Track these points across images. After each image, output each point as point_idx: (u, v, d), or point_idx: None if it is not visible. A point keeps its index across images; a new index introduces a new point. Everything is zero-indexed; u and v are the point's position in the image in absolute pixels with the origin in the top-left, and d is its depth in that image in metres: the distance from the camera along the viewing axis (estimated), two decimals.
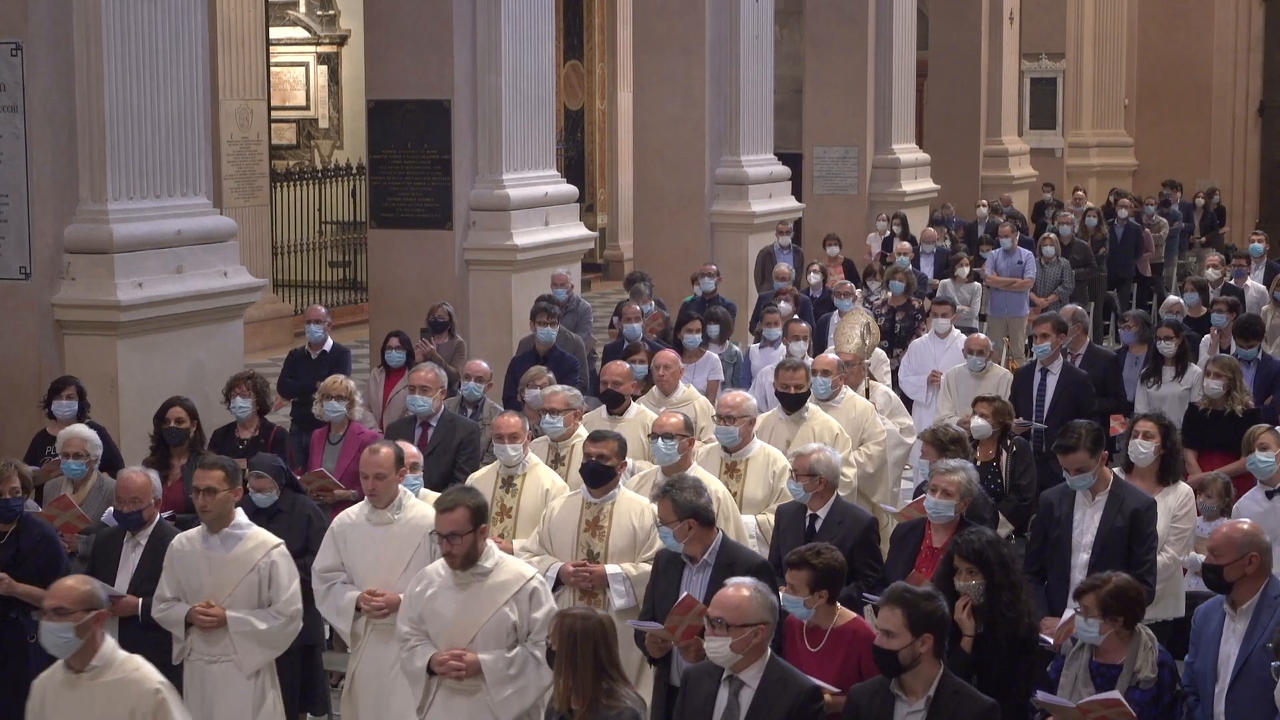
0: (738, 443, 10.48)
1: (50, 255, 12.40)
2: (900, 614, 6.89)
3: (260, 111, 23.42)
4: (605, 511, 9.28)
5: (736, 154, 22.42)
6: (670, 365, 12.58)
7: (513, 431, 10.06)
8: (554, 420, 10.83)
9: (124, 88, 12.42)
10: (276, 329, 23.12)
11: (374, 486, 9.02)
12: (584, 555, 9.23)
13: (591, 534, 9.25)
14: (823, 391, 11.96)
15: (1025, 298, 20.16)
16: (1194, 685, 7.92)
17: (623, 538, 9.21)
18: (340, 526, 9.14)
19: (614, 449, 9.32)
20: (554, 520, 9.42)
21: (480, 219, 17.03)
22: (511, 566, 8.19)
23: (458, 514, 7.98)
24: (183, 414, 11.03)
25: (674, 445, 9.77)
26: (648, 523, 9.13)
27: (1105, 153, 38.16)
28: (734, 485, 10.34)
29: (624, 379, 11.79)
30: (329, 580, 9.03)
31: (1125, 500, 9.36)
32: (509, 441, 10.06)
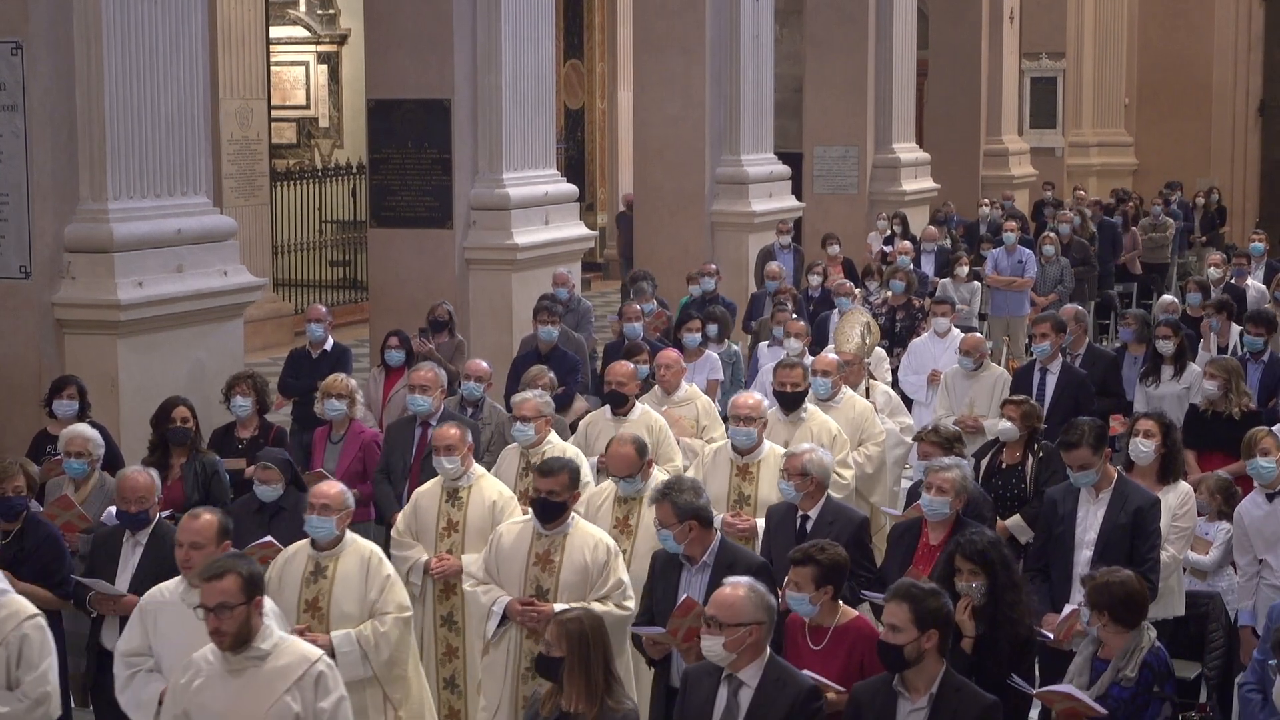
0: (754, 444, 10.44)
1: (50, 254, 12.41)
2: (906, 609, 6.89)
3: (260, 111, 23.42)
4: (557, 545, 8.81)
5: (736, 153, 22.41)
6: (672, 365, 12.51)
7: (449, 443, 9.75)
8: (525, 428, 10.69)
9: (124, 87, 12.43)
10: (277, 328, 23.12)
11: (188, 557, 7.96)
12: (532, 591, 8.75)
13: (541, 568, 8.77)
14: (822, 392, 11.91)
15: (1025, 297, 20.15)
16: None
17: (574, 574, 8.72)
18: (150, 604, 8.04)
19: (564, 483, 8.78)
20: (502, 549, 8.94)
21: (480, 218, 17.03)
22: (294, 648, 7.08)
23: (227, 583, 6.87)
24: (186, 413, 11.04)
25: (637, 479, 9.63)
26: (601, 558, 8.71)
27: (1105, 152, 38.17)
28: (747, 488, 10.35)
29: (628, 379, 11.71)
30: (133, 666, 7.94)
31: (1129, 497, 9.37)
32: (445, 454, 9.75)
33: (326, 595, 8.57)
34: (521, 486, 10.50)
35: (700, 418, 12.30)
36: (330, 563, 8.64)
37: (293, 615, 8.48)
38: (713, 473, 10.45)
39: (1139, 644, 7.64)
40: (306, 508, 8.73)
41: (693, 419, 12.24)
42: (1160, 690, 7.59)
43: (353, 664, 8.40)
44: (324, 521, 8.61)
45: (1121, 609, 7.67)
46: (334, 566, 8.62)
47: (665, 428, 11.56)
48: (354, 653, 8.45)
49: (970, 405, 13.03)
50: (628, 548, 9.31)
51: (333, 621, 8.53)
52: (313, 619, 8.54)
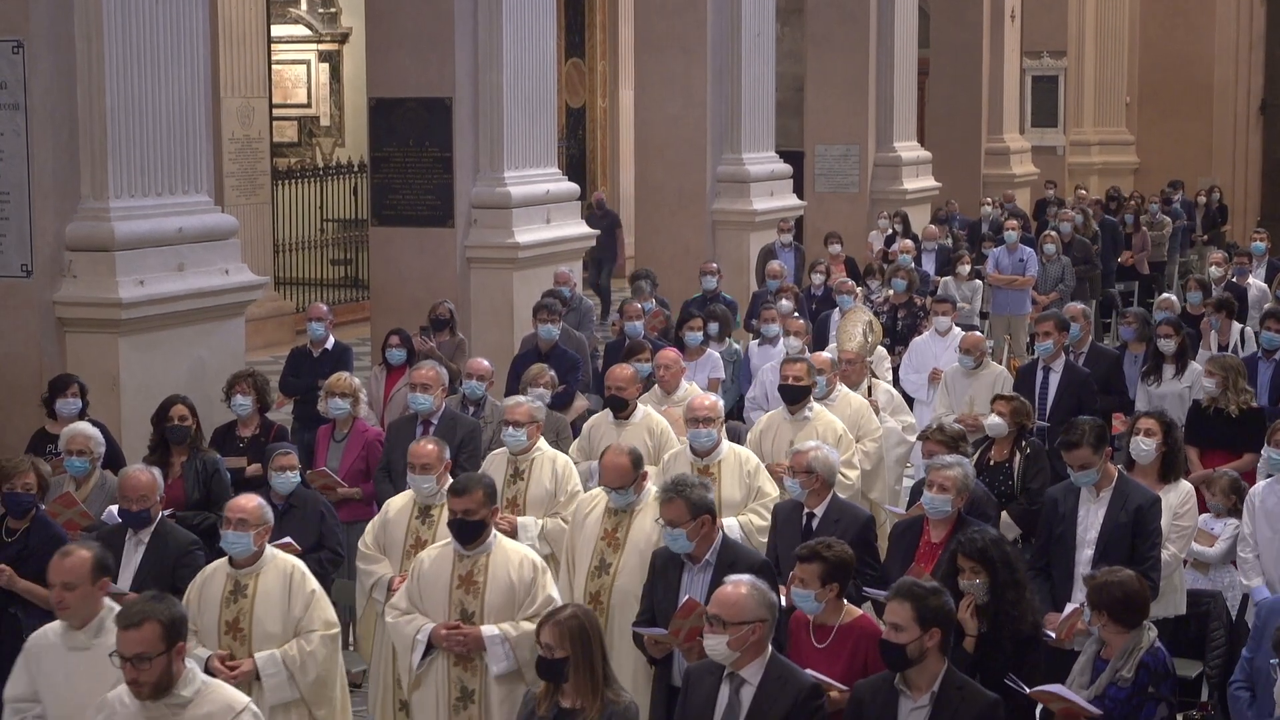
0: (713, 444, 10.28)
1: (51, 253, 12.41)
2: (909, 608, 6.89)
3: (262, 109, 23.40)
4: (480, 565, 8.40)
5: (738, 152, 22.43)
6: (671, 365, 12.49)
7: (425, 461, 9.44)
8: (516, 433, 10.48)
9: (125, 85, 12.43)
10: (278, 327, 23.10)
11: (61, 598, 7.42)
12: (457, 615, 8.37)
13: (465, 591, 8.38)
14: (818, 390, 11.86)
15: (1027, 296, 20.15)
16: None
17: (500, 594, 8.34)
18: (34, 647, 7.60)
19: (479, 500, 8.34)
20: (423, 575, 8.53)
21: (481, 217, 17.03)
22: (217, 695, 6.67)
23: (145, 631, 6.47)
24: (185, 411, 11.03)
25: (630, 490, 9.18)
26: (528, 576, 8.34)
27: (1107, 150, 38.17)
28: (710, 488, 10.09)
29: (628, 383, 11.59)
30: (20, 713, 7.56)
31: (1130, 496, 9.37)
32: (420, 473, 9.44)
33: (248, 615, 8.24)
34: (509, 494, 10.38)
35: None
36: (250, 580, 8.30)
37: (213, 637, 8.25)
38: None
39: (1138, 644, 7.63)
40: (223, 523, 8.38)
41: None
42: (1155, 691, 7.59)
43: (279, 686, 8.16)
44: (240, 537, 8.24)
45: (1121, 609, 7.67)
46: (254, 584, 8.29)
47: (668, 429, 11.49)
48: (280, 674, 8.17)
49: (970, 404, 13.02)
50: (614, 561, 9.00)
51: (256, 642, 8.21)
52: (234, 641, 8.23)
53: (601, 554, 9.04)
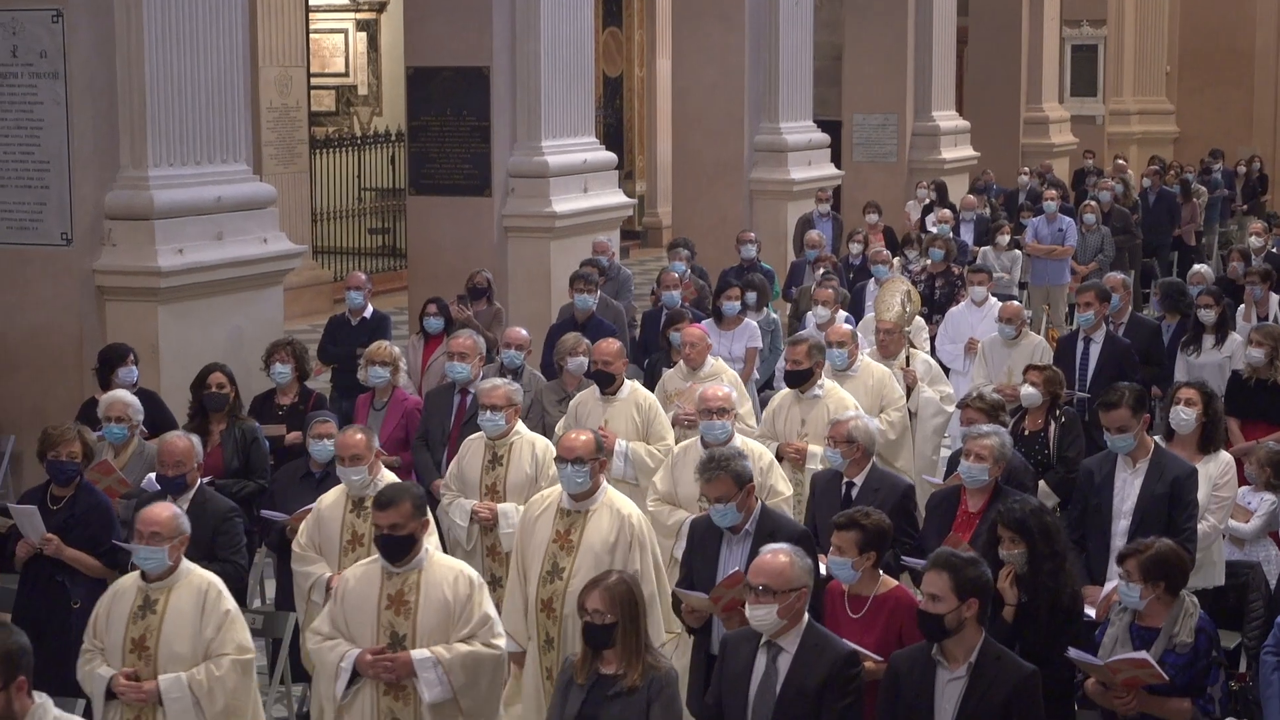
0: (727, 437, 9.72)
1: (91, 222, 12.46)
2: (947, 578, 6.87)
3: (299, 78, 23.43)
4: (410, 584, 7.66)
5: (775, 121, 22.37)
6: (697, 343, 12.16)
7: (354, 452, 9.02)
8: (494, 417, 9.98)
9: (164, 54, 12.45)
10: (316, 295, 23.16)
11: None
12: (386, 639, 7.63)
13: (395, 612, 7.63)
14: (839, 362, 11.69)
15: (1066, 265, 20.08)
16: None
17: (433, 614, 7.61)
18: None
19: (407, 513, 7.61)
20: (348, 596, 7.76)
21: (519, 186, 17.04)
22: None
23: None
24: (223, 379, 11.07)
25: (584, 470, 8.50)
26: (463, 593, 7.62)
27: (1146, 120, 37.97)
28: None
29: (614, 358, 11.22)
30: None
31: (1166, 468, 9.34)
32: (350, 464, 9.02)
33: (155, 633, 7.62)
34: (488, 480, 10.02)
35: None
36: (161, 596, 7.68)
37: (118, 655, 7.64)
38: (682, 470, 9.77)
39: (1185, 610, 7.60)
40: (135, 535, 7.75)
41: None
42: (1218, 655, 7.57)
43: (183, 713, 7.54)
44: (154, 552, 7.64)
45: (1178, 576, 7.65)
46: (165, 600, 7.67)
47: (655, 405, 11.25)
48: (184, 699, 7.54)
49: (1009, 374, 12.99)
50: (567, 565, 8.38)
51: (161, 663, 7.60)
52: (139, 660, 7.60)
53: (554, 558, 8.47)
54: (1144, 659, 7.35)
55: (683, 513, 9.59)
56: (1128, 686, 7.42)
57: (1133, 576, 7.59)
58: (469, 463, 10.17)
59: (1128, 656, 7.42)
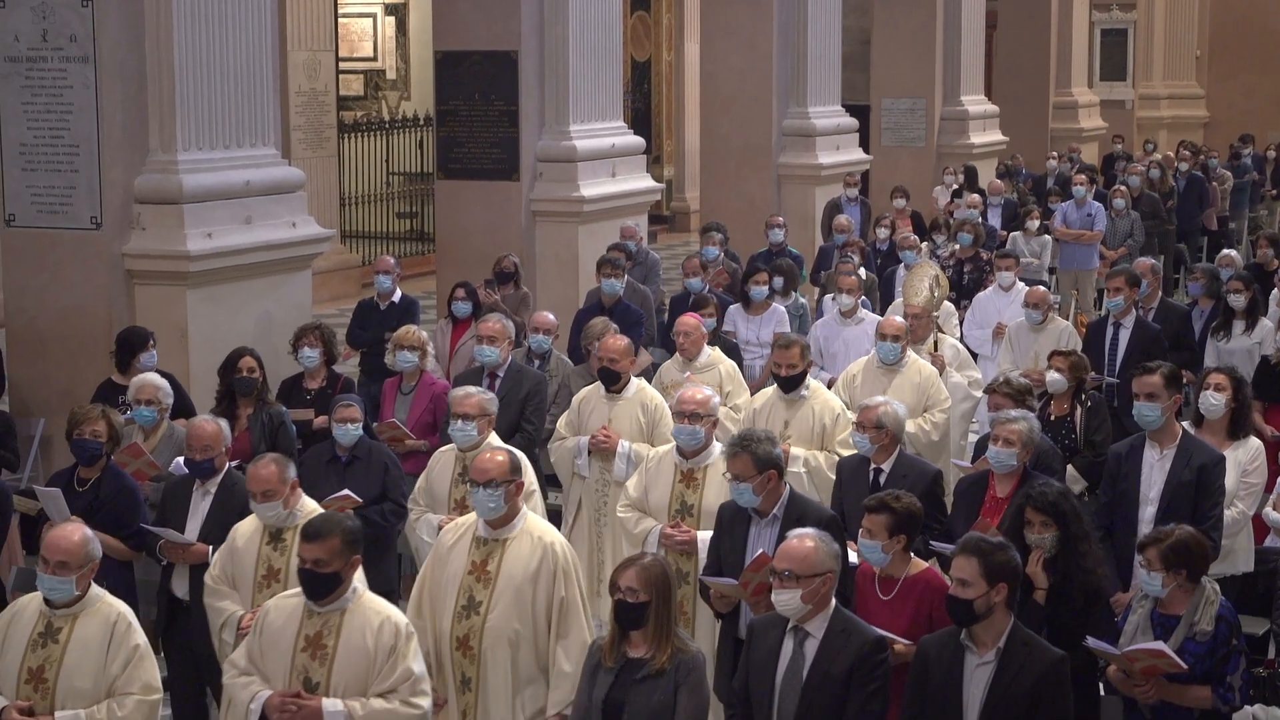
0: (700, 445, 9.16)
1: (120, 205, 12.48)
2: (976, 563, 6.87)
3: (328, 63, 23.48)
4: (332, 625, 7.03)
5: (804, 105, 22.35)
6: (691, 333, 11.92)
7: (266, 488, 8.29)
8: (466, 427, 9.48)
9: (193, 39, 12.47)
10: (344, 280, 23.22)
11: None
12: (299, 683, 7.00)
13: (311, 655, 7.02)
14: (890, 358, 11.56)
15: (1095, 250, 20.04)
16: None
17: (352, 662, 6.98)
18: None
19: (334, 548, 6.96)
20: (267, 631, 7.17)
21: (547, 170, 17.04)
22: None
23: None
24: (253, 363, 11.08)
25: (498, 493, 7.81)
26: (387, 642, 6.99)
27: (1176, 104, 37.87)
28: (690, 496, 9.10)
29: (621, 355, 10.86)
30: None
31: (1193, 455, 9.32)
32: (263, 500, 8.30)
33: (55, 664, 7.01)
34: (457, 494, 9.49)
35: (723, 383, 11.72)
36: (65, 624, 7.09)
37: (12, 684, 7.04)
38: (656, 479, 9.29)
39: (1205, 597, 7.59)
40: (40, 562, 7.17)
41: (716, 385, 11.44)
42: (1237, 643, 7.55)
43: None
44: (61, 582, 7.09)
45: (1200, 564, 7.63)
46: (69, 629, 7.08)
47: (662, 405, 10.78)
48: None
49: (1035, 359, 12.97)
50: (484, 599, 7.75)
51: (59, 698, 6.99)
52: (35, 692, 7.00)
53: (469, 590, 7.79)
54: (1161, 649, 7.34)
55: (650, 521, 9.15)
56: (1146, 675, 7.41)
57: (1153, 565, 7.56)
58: (438, 475, 9.71)
59: (1145, 646, 7.42)
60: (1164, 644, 7.40)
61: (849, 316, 13.56)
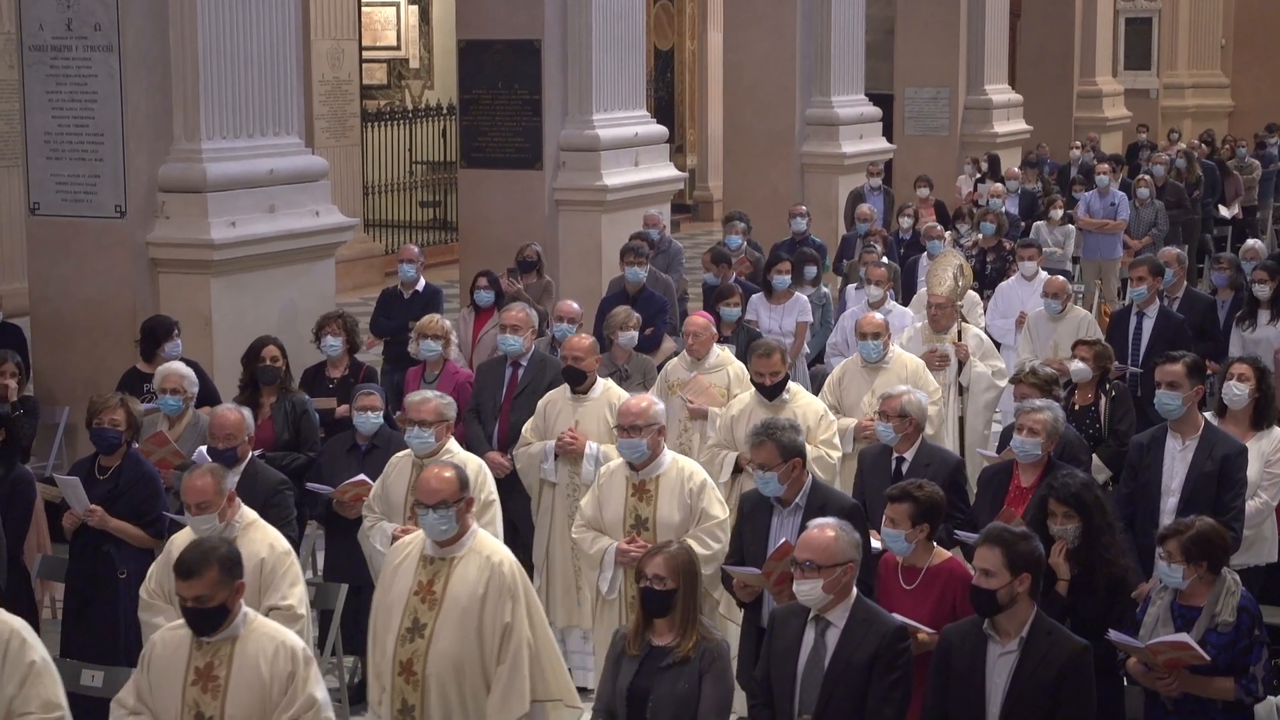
0: (645, 457, 8.83)
1: (145, 194, 12.52)
2: (999, 553, 6.87)
3: (351, 51, 23.49)
4: (222, 656, 6.64)
5: (827, 94, 22.33)
6: (700, 333, 11.55)
7: (200, 500, 7.90)
8: (423, 433, 9.20)
9: (217, 28, 12.50)
10: (367, 268, 23.24)
11: None
12: (191, 718, 6.65)
13: (202, 689, 6.63)
14: (873, 355, 11.33)
15: (1118, 240, 19.99)
16: None
17: (246, 693, 6.60)
18: None
19: (214, 581, 6.52)
20: (154, 663, 6.75)
21: (570, 159, 17.04)
22: None
23: None
24: (276, 352, 11.10)
25: (449, 514, 7.41)
26: (283, 670, 6.62)
27: (1201, 94, 37.75)
28: (644, 509, 8.82)
29: (585, 354, 10.49)
30: None
31: (1215, 445, 9.30)
32: (196, 511, 7.90)
33: None
34: (412, 502, 8.78)
35: (731, 385, 11.34)
36: None
37: None
38: (609, 495, 8.96)
39: (1227, 588, 7.57)
40: None
41: (724, 386, 11.34)
42: (1260, 634, 7.54)
43: None
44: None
45: (1220, 555, 7.61)
46: None
47: None
48: None
49: (1055, 348, 12.96)
50: (429, 622, 7.40)
51: None
52: None
53: (415, 612, 7.45)
54: (1184, 641, 7.32)
55: (606, 540, 8.85)
56: (1169, 667, 7.39)
57: (1174, 557, 7.53)
58: (394, 482, 9.34)
59: (1168, 639, 7.39)
60: (1188, 636, 7.38)
61: (877, 308, 13.51)
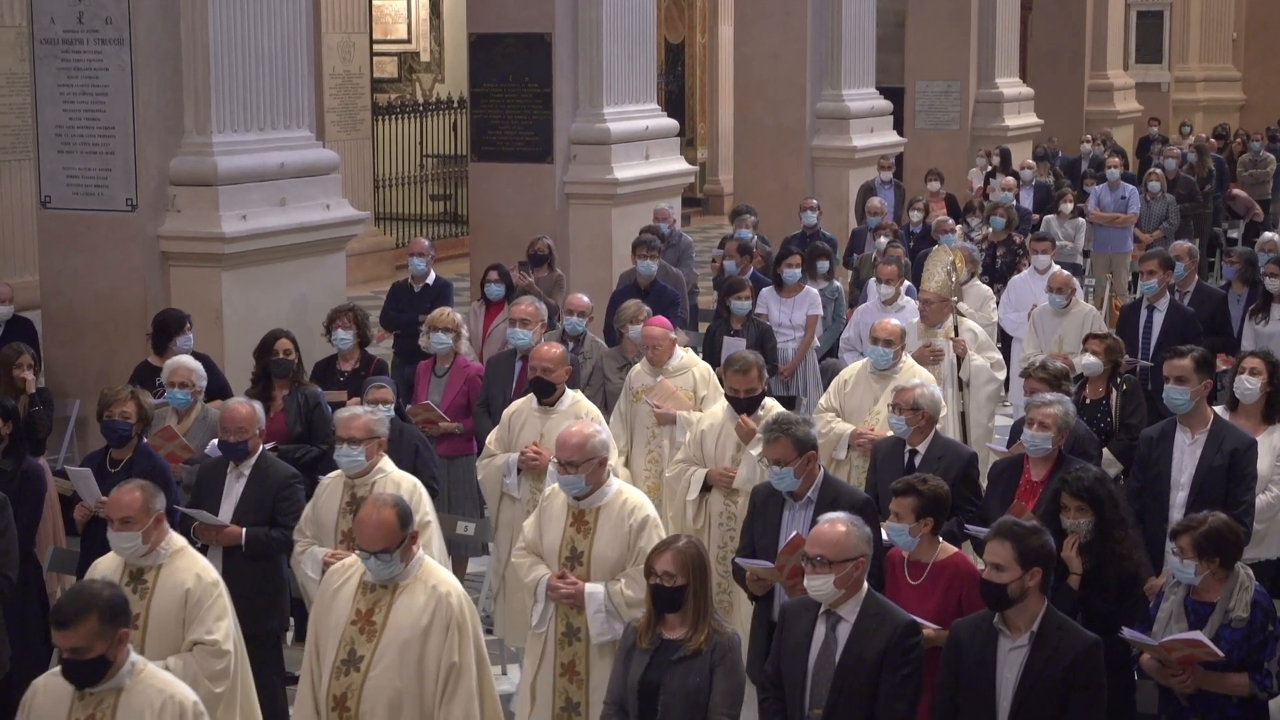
0: (586, 490, 8.07)
1: (156, 187, 12.52)
2: (1010, 547, 6.86)
3: (362, 45, 23.50)
4: (106, 708, 6.26)
5: (838, 88, 22.32)
6: (658, 344, 11.09)
7: (125, 514, 7.41)
8: (352, 452, 8.75)
9: (228, 21, 12.49)
10: (378, 262, 23.26)
11: None
12: None
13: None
14: (882, 363, 10.92)
15: (1129, 233, 19.97)
16: None
17: None
18: None
19: (92, 631, 6.10)
20: (34, 715, 6.42)
21: (580, 153, 17.03)
22: None
23: None
24: (289, 345, 11.11)
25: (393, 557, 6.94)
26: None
27: (1212, 87, 37.70)
28: (581, 542, 8.09)
29: (555, 364, 10.06)
30: None
31: (1225, 440, 9.29)
32: (121, 527, 7.41)
33: None
34: (344, 525, 8.68)
35: (698, 387, 11.05)
36: None
37: None
38: (549, 520, 8.25)
39: (1240, 583, 7.55)
40: None
41: (689, 389, 11.02)
42: (1274, 629, 7.53)
43: None
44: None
45: (1233, 551, 7.60)
46: None
47: (599, 418, 10.02)
48: None
49: (1060, 343, 12.95)
50: (366, 654, 6.94)
51: None
52: None
53: (351, 643, 6.99)
54: (1199, 639, 7.31)
55: (542, 569, 8.15)
56: (1184, 664, 7.38)
57: (1187, 553, 7.52)
58: (325, 505, 8.85)
59: (1182, 636, 7.38)
60: (1201, 633, 7.37)
61: (890, 305, 13.47)
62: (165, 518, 7.55)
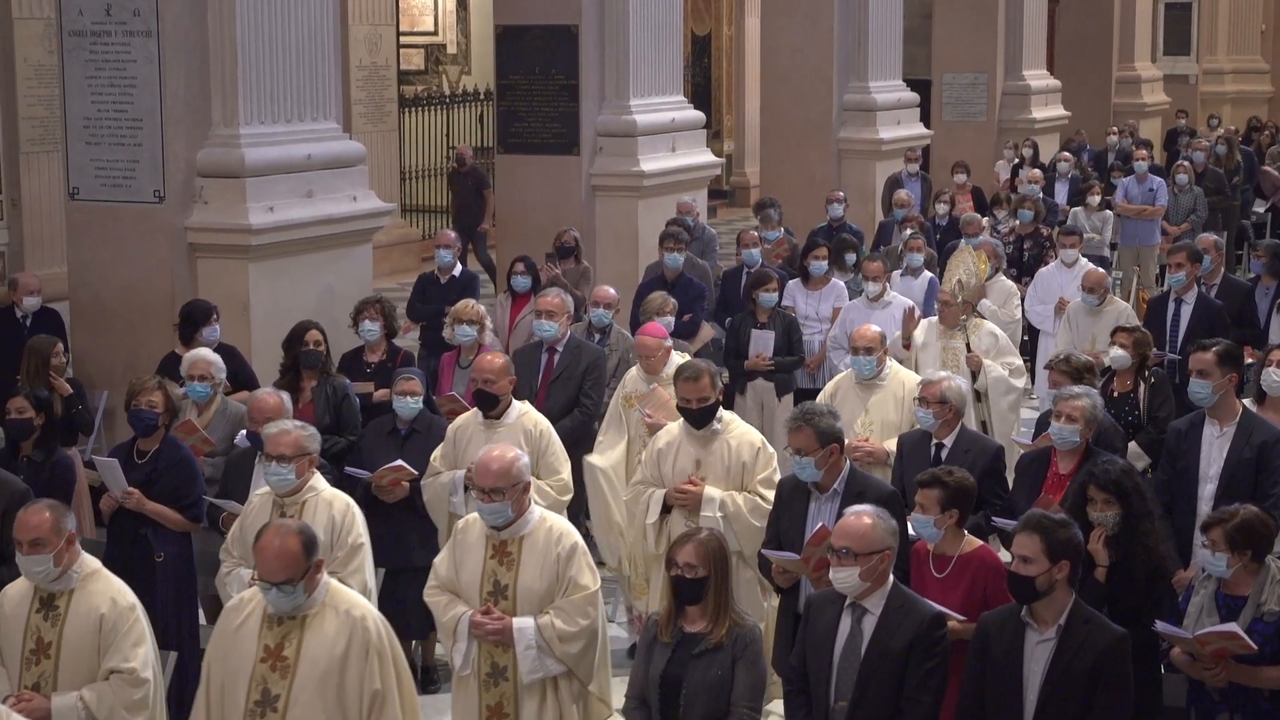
0: (509, 519, 7.56)
1: (183, 179, 12.55)
2: (1038, 540, 6.85)
3: (389, 37, 23.52)
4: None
5: (864, 80, 22.27)
6: (652, 354, 10.75)
7: (35, 536, 6.97)
8: (281, 469, 8.29)
9: (255, 13, 12.51)
10: (404, 254, 23.29)
11: None
12: None
13: None
14: (866, 371, 10.62)
15: (1157, 226, 19.92)
16: None
17: None
18: None
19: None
20: None
21: (607, 145, 17.03)
22: None
23: None
24: (319, 337, 11.13)
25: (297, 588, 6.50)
26: None
27: (1240, 79, 37.55)
28: (504, 574, 7.56)
29: (498, 375, 9.68)
30: None
31: (1254, 432, 9.28)
32: (30, 550, 6.97)
33: None
34: None
35: None
36: None
37: None
38: (465, 554, 7.70)
39: (1272, 576, 7.54)
40: None
41: None
42: None
43: None
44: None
45: (1264, 544, 7.58)
46: None
47: (549, 432, 9.69)
48: None
49: (1093, 341, 12.92)
50: (281, 692, 6.51)
51: None
52: None
53: (264, 682, 6.55)
54: (1233, 631, 7.29)
55: (461, 606, 7.62)
56: (1216, 658, 7.37)
57: (1218, 546, 7.51)
58: (252, 525, 8.24)
59: (1217, 629, 7.36)
60: (1235, 625, 7.35)
61: (876, 302, 13.42)
62: (76, 538, 7.15)
